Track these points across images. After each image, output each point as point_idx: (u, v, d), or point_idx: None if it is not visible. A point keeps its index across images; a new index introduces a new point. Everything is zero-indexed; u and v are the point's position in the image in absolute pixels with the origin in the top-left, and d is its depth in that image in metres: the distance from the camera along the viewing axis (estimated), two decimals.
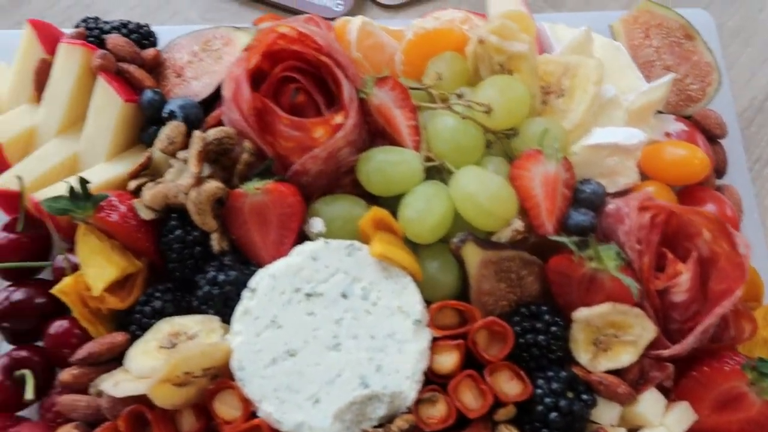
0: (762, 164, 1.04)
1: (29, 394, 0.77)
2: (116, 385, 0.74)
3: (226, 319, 0.79)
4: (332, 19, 0.96)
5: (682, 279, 0.75)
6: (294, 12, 1.08)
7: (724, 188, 0.94)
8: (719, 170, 0.95)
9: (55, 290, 0.79)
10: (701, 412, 0.78)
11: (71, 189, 0.79)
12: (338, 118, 0.79)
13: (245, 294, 0.77)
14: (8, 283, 0.86)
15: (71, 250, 0.85)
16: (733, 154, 0.97)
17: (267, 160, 0.81)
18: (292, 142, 0.79)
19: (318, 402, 0.73)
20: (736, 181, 0.95)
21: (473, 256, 0.77)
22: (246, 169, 0.82)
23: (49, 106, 0.90)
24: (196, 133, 0.80)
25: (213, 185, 0.79)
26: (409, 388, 0.73)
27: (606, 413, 0.77)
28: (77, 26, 0.95)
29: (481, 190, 0.76)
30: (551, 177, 0.79)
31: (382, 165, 0.79)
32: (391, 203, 0.81)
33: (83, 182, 0.79)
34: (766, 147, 1.05)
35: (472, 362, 0.78)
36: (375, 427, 0.73)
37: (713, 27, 1.04)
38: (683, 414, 0.78)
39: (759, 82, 1.09)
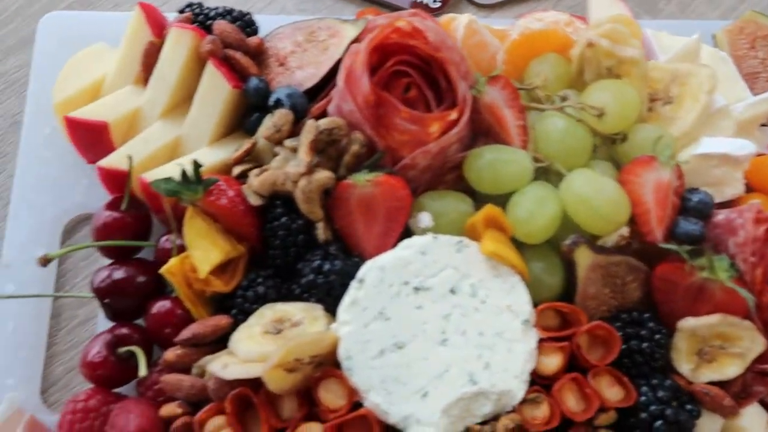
0: None
1: (142, 370, 0.78)
2: (225, 367, 0.75)
3: (327, 308, 0.80)
4: (435, 14, 0.96)
5: None
6: (391, 7, 1.08)
7: None
8: None
9: (163, 270, 0.80)
10: None
11: (183, 172, 0.80)
12: (453, 115, 0.79)
13: (353, 285, 0.77)
14: (110, 261, 0.87)
15: (169, 232, 0.86)
16: None
17: (376, 152, 0.82)
18: (407, 136, 0.79)
19: (426, 396, 0.73)
20: None
21: (584, 259, 0.76)
22: (354, 161, 0.82)
23: (155, 89, 0.92)
24: (310, 122, 0.81)
25: (324, 175, 0.80)
26: (517, 388, 0.74)
27: (707, 425, 0.77)
28: (182, 11, 0.96)
29: (596, 194, 0.76)
30: (664, 184, 0.78)
31: (494, 163, 0.79)
32: (492, 202, 0.81)
33: (196, 165, 0.80)
34: None
35: (570, 366, 0.78)
36: (480, 424, 0.74)
37: None
38: None
39: None
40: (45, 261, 0.81)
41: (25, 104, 1.00)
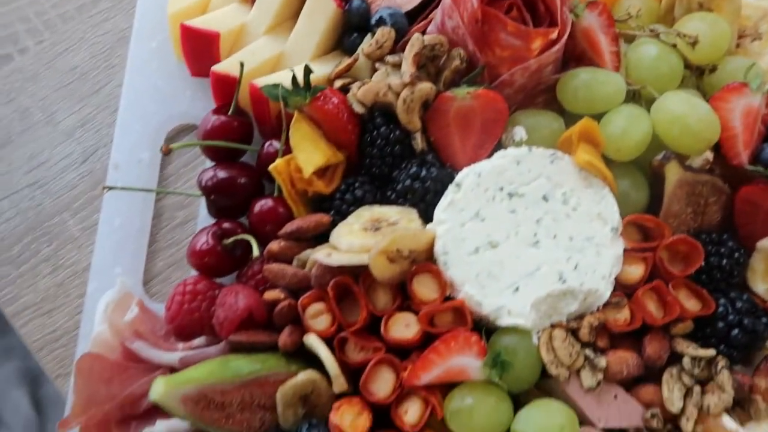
0: None
1: (255, 252, 0.84)
2: (329, 255, 0.80)
3: (420, 214, 0.85)
4: None
5: None
6: None
7: None
8: None
9: (271, 168, 0.86)
10: None
11: (293, 77, 0.85)
12: (554, 34, 0.83)
13: (451, 188, 0.82)
14: (215, 163, 0.93)
15: (272, 138, 0.92)
16: None
17: (474, 69, 0.86)
18: (508, 51, 0.83)
19: (517, 291, 0.78)
20: None
21: (673, 174, 0.81)
22: (453, 77, 0.87)
23: (261, 7, 0.97)
24: (416, 36, 0.85)
25: (428, 85, 0.85)
26: (604, 288, 0.78)
27: None
28: None
29: (691, 111, 0.79)
30: (753, 110, 0.81)
31: (590, 82, 0.83)
32: None
33: (307, 71, 0.85)
34: None
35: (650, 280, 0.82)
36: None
37: None
38: None
39: None
40: (167, 150, 0.87)
41: (131, 21, 1.06)
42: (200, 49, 0.96)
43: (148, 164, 0.99)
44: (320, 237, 0.86)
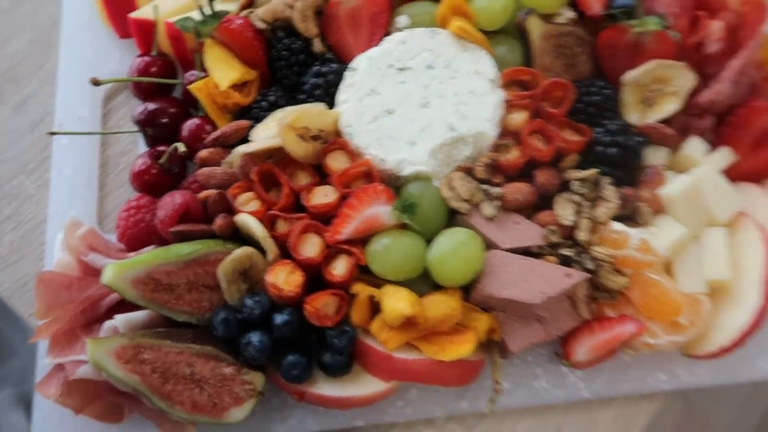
0: None
1: (182, 148, 0.94)
2: (249, 145, 0.90)
3: (328, 107, 0.96)
4: None
5: (715, 27, 0.88)
6: None
7: None
8: None
9: (191, 87, 0.97)
10: (740, 152, 0.91)
11: (200, 7, 0.97)
12: None
13: (347, 73, 0.93)
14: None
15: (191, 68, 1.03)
16: None
17: None
18: None
19: (414, 144, 0.88)
20: None
21: (537, 28, 0.92)
22: None
23: None
24: None
25: None
26: (490, 129, 0.89)
27: (656, 155, 0.91)
28: None
29: None
30: None
31: None
32: None
33: (210, 0, 0.97)
34: None
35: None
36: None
37: None
38: (723, 154, 0.91)
39: None
40: (96, 82, 0.98)
41: (61, 5, 1.18)
42: (121, 8, 1.08)
43: (89, 120, 1.10)
44: (243, 142, 0.97)
